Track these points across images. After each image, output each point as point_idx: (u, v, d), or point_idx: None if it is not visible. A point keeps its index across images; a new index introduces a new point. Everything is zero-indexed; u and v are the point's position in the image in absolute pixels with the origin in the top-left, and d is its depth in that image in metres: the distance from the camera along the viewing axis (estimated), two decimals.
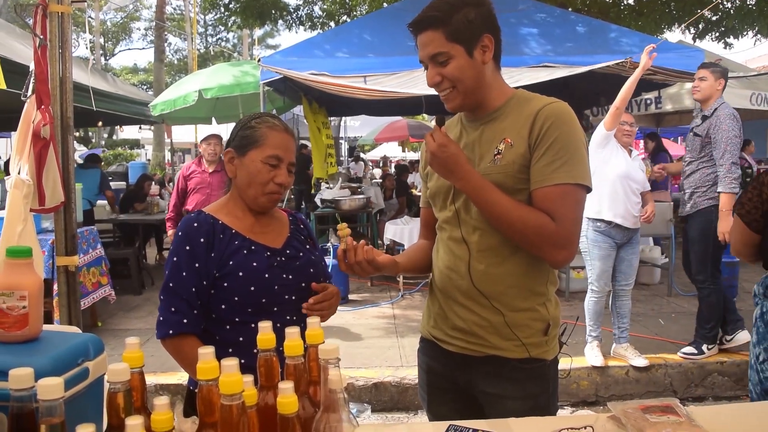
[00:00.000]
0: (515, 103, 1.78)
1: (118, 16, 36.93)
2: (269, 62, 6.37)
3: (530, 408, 1.77)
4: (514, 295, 1.77)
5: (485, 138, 1.79)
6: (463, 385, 1.89)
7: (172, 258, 1.79)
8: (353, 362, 4.82)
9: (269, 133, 1.84)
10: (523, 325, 1.77)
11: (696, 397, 4.71)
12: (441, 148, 1.69)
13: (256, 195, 1.84)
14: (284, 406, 1.07)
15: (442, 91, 1.78)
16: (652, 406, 1.57)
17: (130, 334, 1.27)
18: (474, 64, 1.73)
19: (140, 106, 9.77)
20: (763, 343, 2.38)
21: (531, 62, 6.09)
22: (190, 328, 1.74)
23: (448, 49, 1.70)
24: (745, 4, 9.83)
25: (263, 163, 1.82)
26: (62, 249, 3.42)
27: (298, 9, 12.60)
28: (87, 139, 28.02)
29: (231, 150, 1.88)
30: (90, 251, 5.88)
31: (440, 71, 1.73)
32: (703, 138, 4.61)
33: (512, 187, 1.71)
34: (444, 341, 1.90)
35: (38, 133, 3.13)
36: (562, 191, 1.66)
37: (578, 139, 1.70)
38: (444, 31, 1.69)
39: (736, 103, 9.24)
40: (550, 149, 1.67)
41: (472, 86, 1.75)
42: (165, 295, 1.77)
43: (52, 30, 3.28)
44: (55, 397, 0.96)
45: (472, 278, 1.78)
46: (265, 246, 1.85)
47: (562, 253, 1.69)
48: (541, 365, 1.80)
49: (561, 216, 1.66)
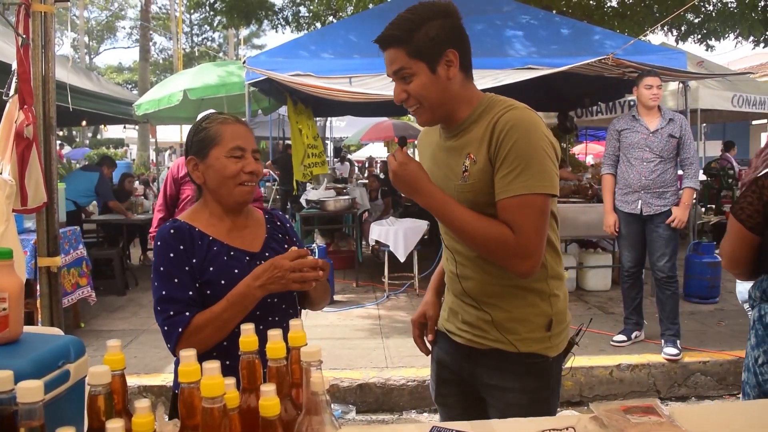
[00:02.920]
0: (480, 112, 1.76)
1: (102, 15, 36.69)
2: (254, 63, 6.35)
3: (530, 401, 1.80)
4: (510, 295, 1.79)
5: (454, 153, 1.80)
6: (467, 377, 1.93)
7: (159, 268, 1.74)
8: (338, 363, 4.81)
9: (222, 128, 1.81)
10: (524, 320, 1.79)
11: (679, 397, 4.75)
12: (402, 167, 1.73)
13: (229, 190, 1.81)
14: (266, 409, 1.06)
15: (409, 107, 1.78)
16: (634, 407, 1.58)
17: (114, 335, 1.26)
18: (437, 80, 1.71)
19: (125, 105, 9.70)
20: (763, 346, 2.39)
21: (516, 64, 6.11)
22: (194, 314, 1.70)
23: (411, 66, 1.70)
24: (726, 7, 9.94)
25: (227, 158, 1.79)
26: (44, 250, 3.39)
27: (284, 9, 12.60)
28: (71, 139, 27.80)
29: (192, 158, 1.84)
30: (71, 252, 5.82)
31: (405, 88, 1.73)
32: (678, 139, 4.78)
33: (485, 202, 1.71)
34: (454, 333, 1.94)
35: (21, 133, 3.10)
36: (519, 202, 1.64)
37: (536, 146, 1.65)
38: (405, 50, 1.69)
39: (718, 104, 9.38)
40: (506, 159, 1.65)
41: (438, 101, 1.74)
42: (161, 304, 1.72)
43: (35, 29, 3.26)
44: (34, 400, 0.95)
45: (463, 284, 1.84)
46: (243, 251, 1.83)
47: (526, 263, 1.66)
48: (542, 360, 1.82)
49: (519, 227, 1.64)
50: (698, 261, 6.52)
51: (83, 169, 8.48)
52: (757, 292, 2.49)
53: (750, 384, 2.43)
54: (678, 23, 10.69)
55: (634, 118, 4.87)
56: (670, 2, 10.01)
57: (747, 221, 2.34)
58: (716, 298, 6.56)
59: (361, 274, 7.95)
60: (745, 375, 2.47)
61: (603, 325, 5.69)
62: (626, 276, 5.11)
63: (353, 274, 7.85)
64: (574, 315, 6.04)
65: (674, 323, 4.91)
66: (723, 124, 15.52)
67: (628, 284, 5.13)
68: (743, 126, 17.44)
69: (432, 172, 1.81)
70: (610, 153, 4.99)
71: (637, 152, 4.80)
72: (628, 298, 5.20)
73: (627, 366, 4.76)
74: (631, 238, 4.98)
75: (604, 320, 5.91)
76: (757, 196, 2.34)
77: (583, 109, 9.85)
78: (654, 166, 4.76)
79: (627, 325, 5.24)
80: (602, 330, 5.54)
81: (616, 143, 4.93)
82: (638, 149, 4.79)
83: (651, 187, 4.77)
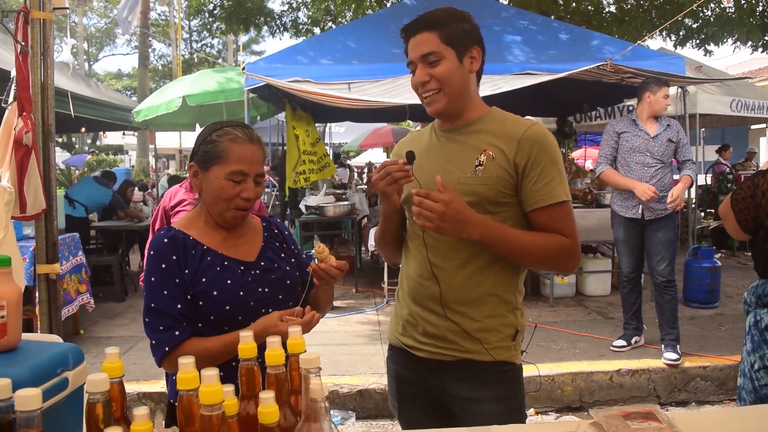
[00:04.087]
0: (492, 119, 1.85)
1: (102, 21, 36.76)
2: (253, 70, 6.35)
3: (504, 410, 1.82)
4: (485, 304, 1.82)
5: (465, 148, 1.82)
6: (435, 391, 1.91)
7: (150, 278, 1.73)
8: (338, 369, 4.80)
9: (231, 147, 1.74)
10: (494, 330, 1.83)
11: (679, 402, 4.74)
12: (449, 206, 1.64)
13: (221, 211, 1.78)
14: (265, 416, 1.06)
15: (427, 91, 1.81)
16: (634, 413, 1.58)
17: (113, 342, 1.26)
18: (462, 69, 1.79)
19: (124, 111, 9.70)
20: (759, 351, 2.40)
21: (514, 69, 6.12)
22: (184, 336, 1.70)
23: (442, 50, 1.77)
24: (724, 13, 9.95)
25: (227, 180, 1.74)
26: (43, 257, 3.39)
27: (282, 15, 12.60)
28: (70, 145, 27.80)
29: (194, 164, 1.81)
30: (71, 258, 5.83)
31: (429, 71, 1.78)
32: (676, 143, 4.81)
33: (494, 200, 1.77)
34: (415, 348, 1.92)
35: (20, 140, 3.10)
36: (566, 208, 1.79)
37: (561, 159, 1.82)
38: (440, 34, 1.77)
39: (716, 109, 9.38)
40: (544, 169, 1.75)
41: (458, 91, 1.80)
42: (150, 316, 1.71)
43: (34, 37, 3.26)
44: (32, 408, 0.95)
45: (442, 289, 1.83)
46: (237, 260, 1.81)
47: (576, 262, 1.84)
48: (511, 368, 1.86)
49: (570, 231, 1.78)
50: (698, 265, 6.52)
51: (97, 181, 8.48)
52: (752, 297, 2.50)
53: (746, 389, 2.43)
54: (676, 28, 10.70)
55: (634, 122, 4.88)
56: (668, 7, 10.04)
57: (738, 213, 2.45)
58: (716, 302, 6.55)
59: (361, 280, 7.94)
60: (741, 380, 2.48)
61: (603, 330, 5.70)
62: (625, 281, 5.11)
63: (352, 280, 7.84)
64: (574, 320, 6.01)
65: (674, 328, 4.91)
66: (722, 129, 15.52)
67: (627, 289, 5.13)
68: (742, 130, 17.45)
69: (425, 166, 1.81)
70: (608, 153, 4.97)
71: (638, 156, 4.80)
72: (627, 303, 5.20)
73: (627, 371, 4.75)
74: (630, 243, 4.98)
75: (604, 325, 5.91)
76: (751, 193, 2.40)
77: (581, 114, 9.85)
78: (654, 171, 4.76)
79: (627, 330, 5.24)
80: (602, 335, 5.54)
81: (615, 144, 4.93)
82: (639, 153, 4.79)
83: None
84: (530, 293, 6.97)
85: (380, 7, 10.85)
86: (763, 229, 2.39)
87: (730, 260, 9.01)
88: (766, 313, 2.41)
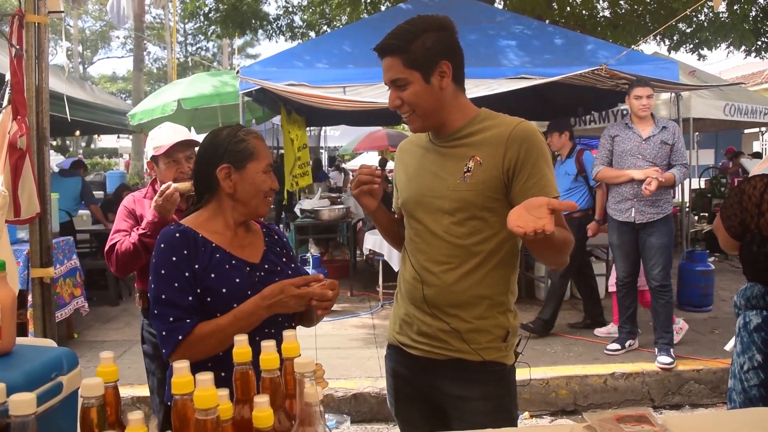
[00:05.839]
0: (479, 122, 1.86)
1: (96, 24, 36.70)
2: (248, 73, 6.35)
3: (494, 408, 1.85)
4: (476, 305, 1.85)
5: (453, 155, 1.85)
6: (428, 389, 1.95)
7: (159, 271, 1.74)
8: (332, 373, 4.79)
9: (258, 143, 1.88)
10: (485, 331, 1.85)
11: (673, 405, 4.75)
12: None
13: (257, 204, 1.88)
14: (260, 420, 1.07)
15: (402, 114, 1.85)
16: (627, 416, 1.59)
17: (107, 346, 1.26)
18: (431, 89, 1.80)
19: (118, 115, 9.69)
20: (748, 353, 2.42)
21: (509, 74, 6.12)
22: (195, 324, 1.71)
23: (406, 75, 1.78)
24: (718, 18, 10.01)
25: (263, 173, 1.86)
26: (37, 260, 3.38)
27: (278, 19, 12.60)
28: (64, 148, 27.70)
29: (227, 165, 1.84)
30: (66, 262, 5.81)
31: (399, 95, 1.82)
32: (671, 146, 4.81)
33: (482, 205, 1.80)
34: (409, 346, 1.96)
35: (14, 143, 3.09)
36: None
37: (549, 154, 1.84)
38: (402, 59, 1.78)
39: (710, 113, 9.42)
40: (534, 168, 1.77)
41: (430, 109, 1.82)
42: (159, 308, 1.71)
43: (29, 40, 3.25)
44: (27, 412, 0.95)
45: (432, 292, 1.87)
46: (244, 261, 1.84)
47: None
48: (501, 368, 1.89)
49: (565, 224, 1.81)
50: (691, 269, 6.54)
51: (61, 175, 8.27)
52: (741, 299, 2.53)
53: (736, 390, 2.46)
54: (670, 33, 10.76)
55: (627, 126, 4.89)
56: (662, 12, 10.09)
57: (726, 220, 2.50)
58: (710, 306, 6.57)
59: (356, 284, 7.94)
60: (731, 382, 2.50)
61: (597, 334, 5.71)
62: (620, 285, 5.12)
63: (348, 284, 7.83)
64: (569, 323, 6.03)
65: (668, 332, 4.92)
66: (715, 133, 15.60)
67: (622, 293, 5.14)
68: (735, 134, 17.53)
69: (418, 174, 1.91)
70: (603, 156, 4.98)
71: (630, 159, 4.81)
72: (622, 307, 5.21)
73: (621, 374, 4.76)
74: (624, 248, 4.99)
75: None
76: (737, 200, 2.45)
77: (576, 118, 9.87)
78: None
79: (621, 333, 5.25)
80: (596, 339, 5.55)
81: (610, 147, 4.94)
82: (631, 156, 4.80)
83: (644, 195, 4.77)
84: (525, 296, 6.98)
85: (375, 12, 10.86)
86: (749, 233, 2.42)
87: (723, 264, 9.04)
88: (755, 314, 2.43)
